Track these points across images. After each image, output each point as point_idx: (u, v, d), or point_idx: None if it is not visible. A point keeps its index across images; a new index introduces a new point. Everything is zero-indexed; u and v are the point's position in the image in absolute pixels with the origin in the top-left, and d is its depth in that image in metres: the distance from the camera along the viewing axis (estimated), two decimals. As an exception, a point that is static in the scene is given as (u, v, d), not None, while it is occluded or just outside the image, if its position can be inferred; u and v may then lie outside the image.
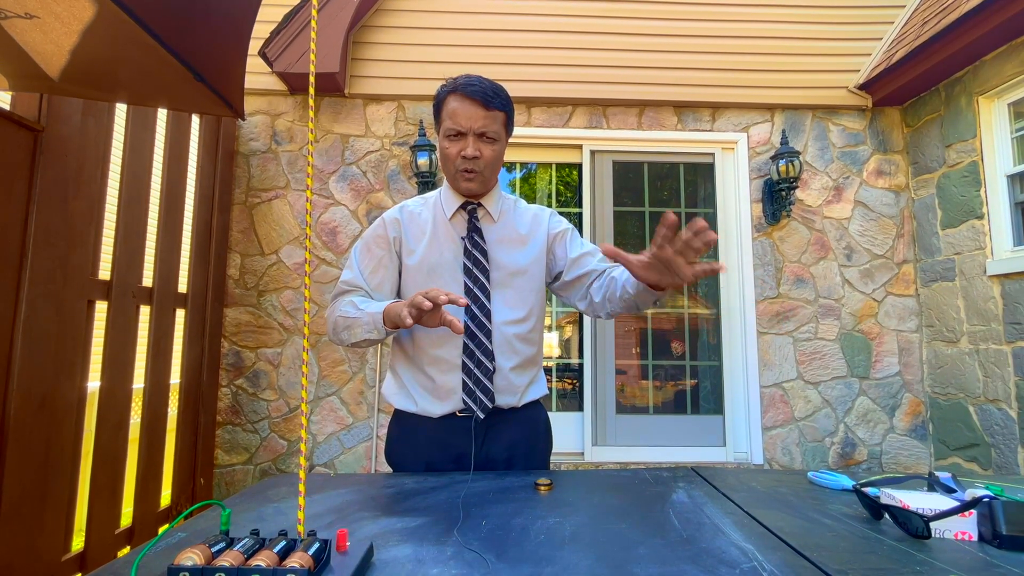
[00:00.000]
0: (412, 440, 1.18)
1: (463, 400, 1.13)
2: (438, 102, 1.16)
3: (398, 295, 1.23)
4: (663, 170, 3.22)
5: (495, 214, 1.22)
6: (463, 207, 1.20)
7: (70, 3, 1.04)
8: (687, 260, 0.88)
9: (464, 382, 1.13)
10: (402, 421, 1.20)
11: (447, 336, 1.14)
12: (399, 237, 1.20)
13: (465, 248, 1.17)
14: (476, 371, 1.13)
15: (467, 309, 1.14)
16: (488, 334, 1.14)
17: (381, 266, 1.19)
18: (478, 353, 1.13)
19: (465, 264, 1.17)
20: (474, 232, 1.18)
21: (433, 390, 1.15)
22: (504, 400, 1.16)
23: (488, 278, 1.16)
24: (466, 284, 1.16)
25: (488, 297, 1.16)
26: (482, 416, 1.12)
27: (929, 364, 2.98)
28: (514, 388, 1.17)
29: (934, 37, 2.60)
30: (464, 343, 1.13)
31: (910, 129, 3.12)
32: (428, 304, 0.93)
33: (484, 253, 1.17)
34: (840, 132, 3.17)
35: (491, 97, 1.11)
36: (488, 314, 1.15)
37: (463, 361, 1.13)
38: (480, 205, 1.21)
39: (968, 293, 2.73)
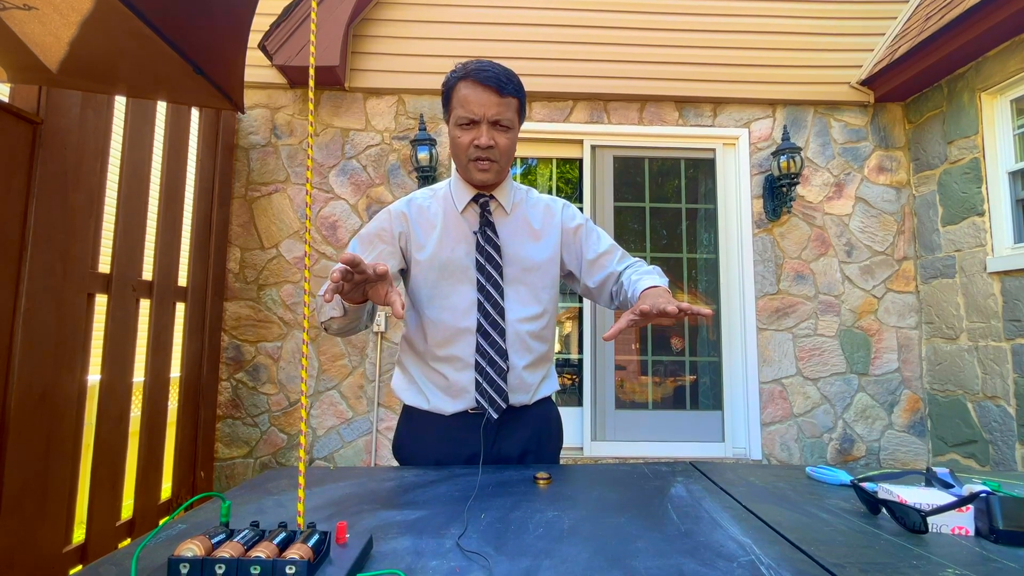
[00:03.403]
0: (423, 437, 1.15)
1: (476, 399, 1.10)
2: (447, 89, 1.10)
3: (407, 288, 1.19)
4: (664, 165, 3.21)
5: (508, 206, 1.17)
6: (475, 200, 1.15)
7: (69, -6, 1.03)
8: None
9: (477, 381, 1.10)
10: (412, 418, 1.18)
11: (460, 333, 1.11)
12: (406, 232, 1.15)
13: (477, 243, 1.13)
14: (489, 370, 1.10)
15: (480, 306, 1.11)
16: (502, 332, 1.10)
17: (380, 259, 1.13)
18: (491, 352, 1.10)
19: (478, 260, 1.12)
20: (487, 226, 1.13)
21: (446, 388, 1.12)
22: (517, 399, 1.13)
23: (501, 274, 1.12)
24: (479, 281, 1.12)
25: (501, 294, 1.12)
26: (495, 416, 1.10)
27: (928, 361, 2.99)
28: (527, 386, 1.14)
29: (937, 33, 2.58)
30: (477, 342, 1.10)
31: (912, 125, 3.11)
32: (336, 275, 0.78)
33: (497, 248, 1.13)
34: (842, 128, 3.16)
35: (505, 83, 1.06)
36: (502, 312, 1.11)
37: (476, 360, 1.10)
38: (492, 197, 1.16)
39: (968, 290, 2.73)
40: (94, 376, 1.95)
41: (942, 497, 0.75)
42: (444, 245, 1.13)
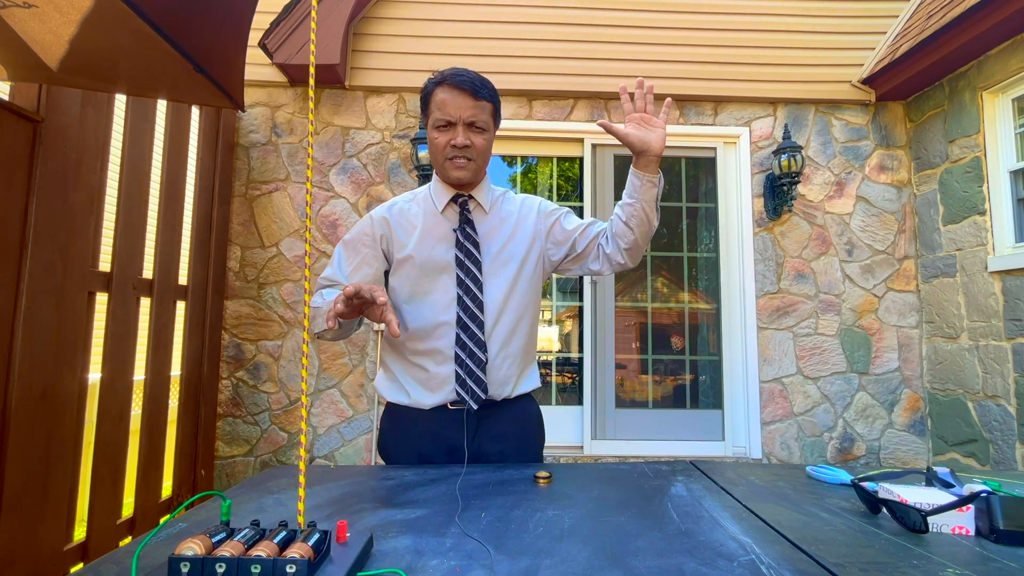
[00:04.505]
0: (404, 432, 1.19)
1: (456, 391, 1.14)
2: (425, 95, 1.16)
3: (389, 286, 1.24)
4: (664, 164, 3.18)
5: (486, 205, 1.22)
6: (454, 199, 1.21)
7: (68, -8, 1.03)
8: (653, 115, 1.17)
9: (457, 373, 1.14)
10: (395, 413, 1.22)
11: (440, 327, 1.15)
12: (387, 235, 1.20)
13: (457, 240, 1.18)
14: (468, 362, 1.14)
15: (459, 300, 1.15)
16: (480, 325, 1.15)
17: (364, 263, 1.20)
18: (471, 344, 1.14)
19: (457, 256, 1.17)
20: (466, 224, 1.19)
21: (426, 381, 1.17)
22: (496, 391, 1.17)
23: (480, 269, 1.17)
24: (458, 276, 1.16)
25: (480, 288, 1.16)
26: (475, 407, 1.14)
27: (929, 360, 2.98)
28: (506, 379, 1.18)
29: (939, 31, 2.58)
30: (457, 334, 1.15)
31: (913, 124, 3.11)
32: (341, 307, 0.90)
33: (476, 245, 1.18)
34: (843, 127, 3.16)
35: (479, 87, 1.12)
36: (481, 305, 1.16)
37: (456, 352, 1.14)
38: (471, 197, 1.22)
39: (969, 289, 2.73)
40: (95, 374, 1.95)
41: (942, 497, 0.75)
42: (424, 243, 1.18)
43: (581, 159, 3.15)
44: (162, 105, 2.38)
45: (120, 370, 2.07)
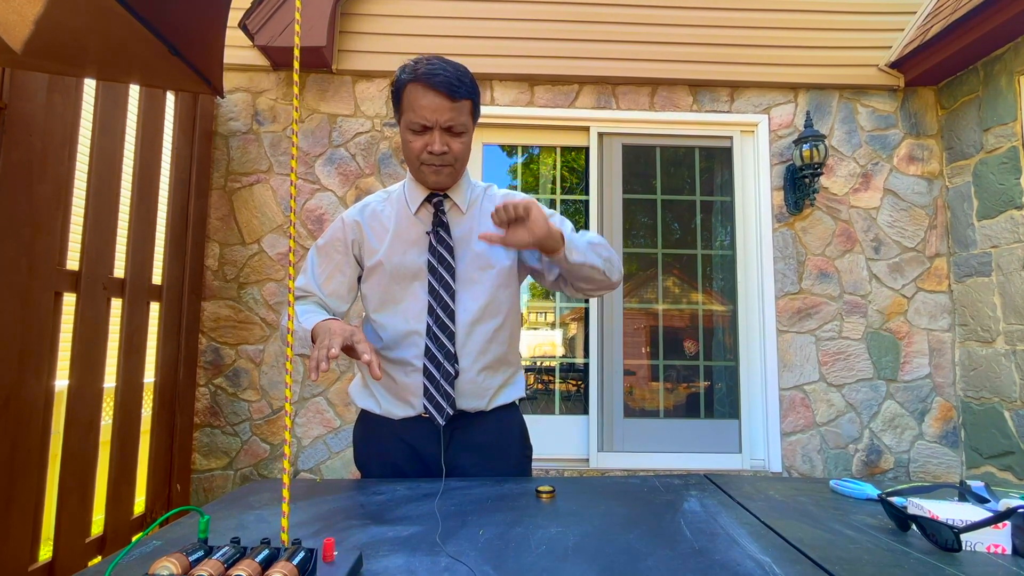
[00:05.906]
0: (377, 442, 1.22)
1: (424, 404, 1.16)
2: (397, 88, 1.13)
3: (360, 292, 1.27)
4: (677, 154, 3.21)
5: (463, 206, 1.22)
6: (428, 199, 1.21)
7: (34, -31, 1.03)
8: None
9: (425, 385, 1.15)
10: (367, 422, 1.25)
11: (408, 336, 1.17)
12: (359, 240, 1.22)
13: (430, 244, 1.18)
14: (436, 374, 1.15)
15: (429, 309, 1.17)
16: (451, 336, 1.16)
17: (337, 271, 1.22)
18: (439, 356, 1.15)
19: (430, 261, 1.18)
20: (440, 227, 1.19)
21: (395, 391, 1.19)
22: (469, 404, 1.18)
23: (453, 276, 1.18)
24: (430, 283, 1.17)
25: (452, 297, 1.17)
26: (441, 422, 1.15)
27: (962, 366, 2.99)
28: (482, 391, 1.19)
29: (973, 11, 2.58)
30: (426, 345, 1.16)
31: (945, 111, 3.11)
32: (325, 366, 0.93)
33: (450, 249, 1.18)
34: (869, 114, 3.16)
35: (456, 86, 1.09)
36: (452, 315, 1.16)
37: (424, 364, 1.15)
38: (447, 197, 1.21)
39: (1005, 289, 2.73)
40: (62, 381, 1.95)
41: (977, 513, 0.75)
42: (396, 249, 1.19)
43: (587, 149, 3.15)
44: (135, 91, 2.38)
45: (89, 376, 2.07)
